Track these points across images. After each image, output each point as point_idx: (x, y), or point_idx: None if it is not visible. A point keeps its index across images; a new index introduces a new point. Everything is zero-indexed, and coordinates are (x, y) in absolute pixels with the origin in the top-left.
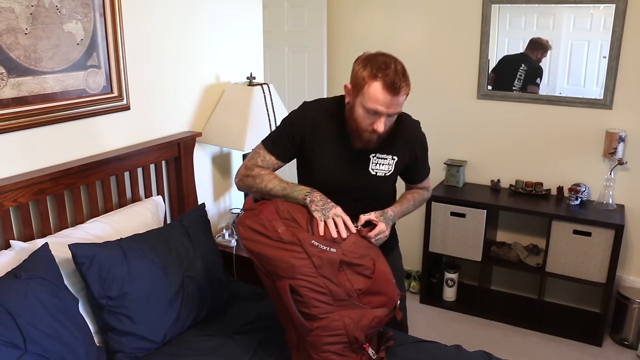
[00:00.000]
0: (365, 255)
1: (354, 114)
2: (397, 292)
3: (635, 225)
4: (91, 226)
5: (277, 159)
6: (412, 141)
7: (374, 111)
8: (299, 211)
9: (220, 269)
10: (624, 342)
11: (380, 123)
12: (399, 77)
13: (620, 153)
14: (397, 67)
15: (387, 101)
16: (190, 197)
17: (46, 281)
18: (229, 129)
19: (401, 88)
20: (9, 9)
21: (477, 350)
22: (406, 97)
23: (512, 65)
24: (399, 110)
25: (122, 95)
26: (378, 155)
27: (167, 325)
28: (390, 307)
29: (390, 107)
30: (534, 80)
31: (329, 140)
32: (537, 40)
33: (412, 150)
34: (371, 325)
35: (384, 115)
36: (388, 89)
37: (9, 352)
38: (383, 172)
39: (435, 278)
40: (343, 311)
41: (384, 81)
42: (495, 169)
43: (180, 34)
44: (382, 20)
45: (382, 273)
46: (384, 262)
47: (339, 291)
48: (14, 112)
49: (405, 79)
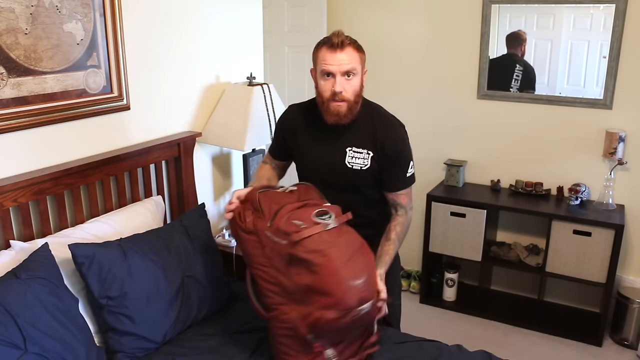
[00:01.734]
0: (317, 250)
1: (318, 88)
2: (355, 298)
3: (635, 226)
4: (91, 226)
5: (275, 159)
6: (381, 138)
7: (327, 71)
8: (273, 202)
9: (220, 269)
10: (624, 342)
11: (336, 83)
12: (339, 37)
13: (620, 153)
14: (338, 32)
15: (333, 59)
16: (190, 197)
17: (46, 281)
18: (229, 129)
19: (342, 43)
20: (9, 9)
21: (477, 350)
22: (360, 58)
23: (508, 66)
24: (352, 65)
25: (122, 95)
26: (354, 148)
27: (167, 325)
28: (341, 310)
29: (341, 65)
30: (532, 83)
31: (310, 135)
32: (512, 34)
33: (382, 148)
34: (318, 325)
35: (337, 74)
36: (330, 47)
37: (9, 352)
38: (359, 165)
39: (435, 278)
40: (294, 305)
41: (327, 43)
42: (495, 169)
43: (180, 34)
44: (382, 20)
45: (332, 272)
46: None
47: (287, 284)
48: (14, 112)
49: (348, 38)
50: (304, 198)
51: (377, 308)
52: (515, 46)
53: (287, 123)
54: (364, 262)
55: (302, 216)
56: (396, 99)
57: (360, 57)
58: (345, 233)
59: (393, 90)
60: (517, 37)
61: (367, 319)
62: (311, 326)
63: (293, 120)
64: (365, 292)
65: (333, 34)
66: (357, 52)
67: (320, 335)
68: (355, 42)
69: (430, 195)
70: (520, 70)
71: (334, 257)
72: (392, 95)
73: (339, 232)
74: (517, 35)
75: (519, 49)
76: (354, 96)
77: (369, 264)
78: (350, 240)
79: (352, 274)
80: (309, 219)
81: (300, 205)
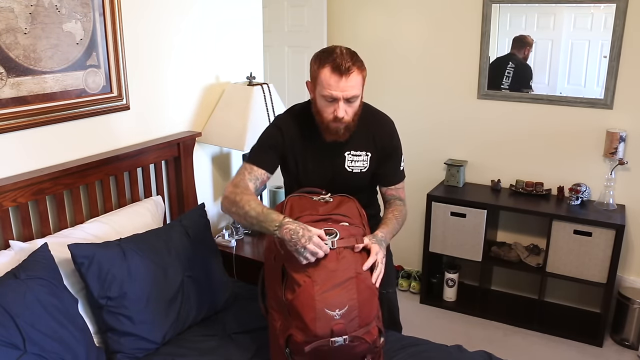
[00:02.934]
0: (303, 270)
1: (317, 107)
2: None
3: (635, 226)
4: (90, 226)
5: (264, 170)
6: (375, 134)
7: (330, 97)
8: (299, 209)
9: (220, 269)
10: (625, 343)
11: (339, 108)
12: (345, 59)
13: (621, 153)
14: (343, 51)
15: (337, 84)
16: (190, 197)
17: (45, 281)
18: (229, 129)
19: (349, 69)
20: (8, 9)
21: (477, 351)
22: (362, 79)
23: (501, 64)
24: (355, 92)
25: (122, 95)
26: (352, 152)
27: (167, 325)
28: (308, 335)
29: (345, 90)
30: (526, 81)
31: (306, 145)
32: (520, 38)
33: (378, 143)
34: (291, 341)
35: (340, 99)
36: (336, 71)
37: (9, 352)
38: (359, 168)
39: (436, 278)
40: (280, 315)
41: (331, 65)
42: (496, 169)
43: (180, 34)
44: (382, 20)
45: (307, 295)
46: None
47: (279, 293)
48: (13, 112)
49: (354, 60)
50: (333, 211)
51: (364, 345)
52: (519, 48)
53: (284, 138)
54: (350, 294)
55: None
56: (396, 99)
57: (362, 78)
58: (343, 259)
59: (393, 90)
60: (522, 40)
61: (351, 353)
62: (286, 342)
63: (289, 133)
64: (341, 325)
65: (337, 54)
66: (360, 74)
67: (295, 352)
68: (358, 61)
69: (431, 195)
70: (512, 67)
71: (316, 280)
72: (392, 95)
73: (337, 256)
74: (522, 38)
75: (521, 52)
76: (352, 117)
77: (357, 298)
78: (344, 267)
79: (328, 302)
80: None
81: (320, 218)
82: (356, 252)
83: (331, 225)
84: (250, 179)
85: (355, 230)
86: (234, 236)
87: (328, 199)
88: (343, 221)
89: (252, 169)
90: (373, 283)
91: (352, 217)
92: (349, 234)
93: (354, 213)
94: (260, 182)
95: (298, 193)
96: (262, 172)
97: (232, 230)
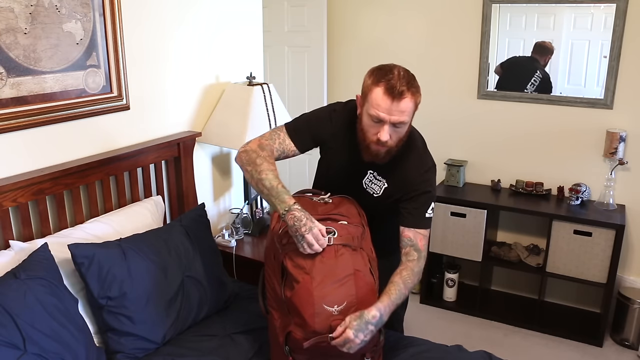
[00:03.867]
0: (302, 267)
1: (362, 124)
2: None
3: (636, 226)
4: (91, 226)
5: (295, 147)
6: (407, 170)
7: (377, 118)
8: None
9: (220, 269)
10: (625, 343)
11: (383, 132)
12: (401, 82)
13: (621, 153)
14: (401, 73)
15: (388, 106)
16: (190, 197)
17: (45, 281)
18: (229, 129)
19: (402, 93)
20: (8, 9)
21: (477, 351)
22: (415, 106)
23: (527, 69)
24: (404, 119)
25: (122, 95)
26: (375, 174)
27: (167, 325)
28: (307, 332)
29: (393, 114)
30: (547, 91)
31: (342, 148)
32: (542, 44)
33: (403, 180)
34: (290, 340)
35: (387, 123)
36: (388, 93)
37: (9, 352)
38: (373, 190)
39: (436, 278)
40: (280, 314)
41: (385, 85)
42: (496, 169)
43: (180, 34)
44: (383, 20)
45: (306, 292)
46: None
47: (279, 292)
48: (13, 112)
49: (410, 85)
50: (332, 211)
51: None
52: (542, 55)
53: (329, 129)
54: (348, 290)
55: None
56: None
57: (415, 105)
58: (341, 256)
59: None
60: (545, 47)
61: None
62: (286, 339)
63: (335, 128)
64: (339, 321)
65: (393, 75)
66: (413, 101)
67: (294, 350)
68: (414, 86)
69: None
70: (539, 77)
71: (315, 276)
72: None
73: (335, 253)
74: (545, 45)
75: (542, 59)
76: (396, 142)
77: (355, 294)
78: (342, 264)
79: (327, 298)
80: None
81: (319, 218)
82: (354, 251)
83: (330, 224)
84: (279, 148)
85: (354, 229)
86: (234, 236)
87: (327, 199)
88: (342, 220)
89: (286, 139)
90: (373, 280)
91: (351, 216)
92: (347, 232)
93: (352, 213)
94: (284, 155)
95: (298, 193)
96: (293, 147)
97: (232, 230)
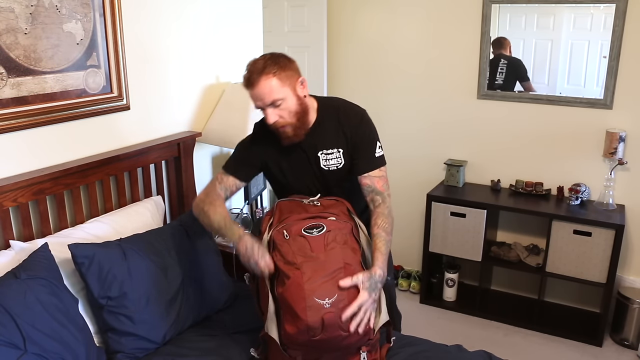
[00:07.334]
0: (292, 263)
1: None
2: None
3: (635, 226)
4: (91, 226)
5: (237, 180)
6: (345, 127)
7: (256, 107)
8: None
9: (220, 269)
10: (624, 343)
11: (267, 115)
12: (255, 68)
13: (621, 153)
14: (257, 61)
15: (253, 95)
16: (190, 197)
17: (46, 281)
18: (229, 129)
19: (255, 79)
20: (9, 9)
21: (477, 350)
22: (280, 81)
23: (495, 63)
24: (274, 96)
25: (122, 95)
26: (324, 151)
27: (167, 325)
28: (299, 327)
29: (263, 99)
30: (522, 73)
31: (279, 151)
32: (497, 40)
33: (348, 135)
34: (283, 336)
35: (264, 107)
36: (246, 84)
37: (9, 352)
38: (335, 165)
39: (436, 278)
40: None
41: (244, 80)
42: (495, 169)
43: (180, 34)
44: (382, 20)
45: (297, 286)
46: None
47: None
48: (13, 112)
49: (264, 67)
50: (321, 212)
51: (357, 335)
52: (499, 47)
53: (259, 145)
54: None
55: (294, 228)
56: (396, 99)
57: (280, 82)
58: (331, 250)
59: (393, 90)
60: (499, 41)
61: (344, 344)
62: (280, 336)
63: (263, 141)
64: (331, 314)
65: (249, 67)
66: (271, 78)
67: (290, 347)
68: (267, 67)
69: (430, 195)
70: (505, 63)
71: (305, 271)
72: (392, 95)
73: (325, 248)
74: (499, 40)
75: (504, 49)
76: (292, 117)
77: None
78: (333, 259)
79: (317, 291)
80: (299, 231)
81: (308, 216)
82: (344, 245)
83: (318, 220)
84: (221, 189)
85: (343, 224)
86: None
87: (317, 202)
88: (331, 217)
89: (224, 179)
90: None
91: (340, 214)
92: (336, 227)
93: (342, 211)
94: (230, 192)
95: (288, 198)
96: (233, 182)
97: None
